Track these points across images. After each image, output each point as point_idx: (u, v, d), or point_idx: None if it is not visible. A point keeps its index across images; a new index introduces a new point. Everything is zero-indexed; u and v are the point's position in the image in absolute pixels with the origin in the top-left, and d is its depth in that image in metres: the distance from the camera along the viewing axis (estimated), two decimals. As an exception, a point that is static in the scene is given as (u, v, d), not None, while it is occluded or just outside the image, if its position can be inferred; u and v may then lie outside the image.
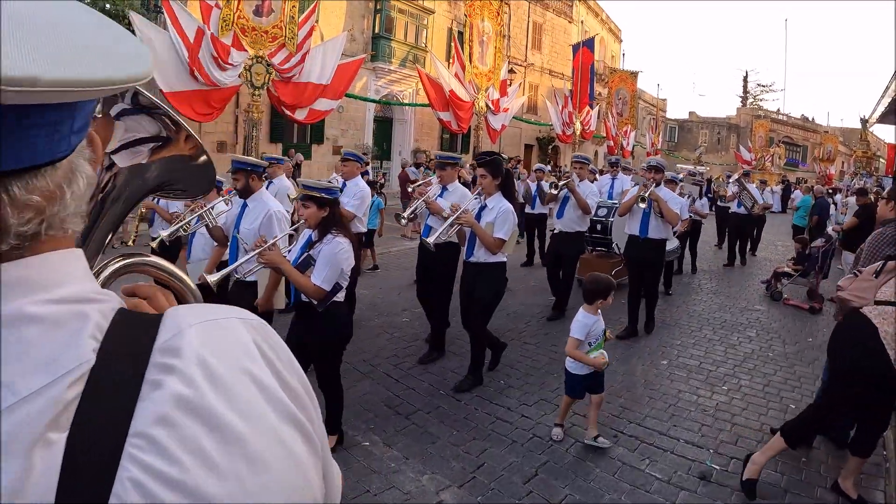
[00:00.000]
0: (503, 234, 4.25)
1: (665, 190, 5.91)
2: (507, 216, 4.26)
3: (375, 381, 4.55)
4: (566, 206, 6.40)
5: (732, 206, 10.64)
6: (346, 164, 5.77)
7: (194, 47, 11.85)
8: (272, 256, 3.23)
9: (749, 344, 5.96)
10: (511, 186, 4.52)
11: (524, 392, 4.37)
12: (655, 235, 5.76)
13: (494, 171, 4.36)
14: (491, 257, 4.30)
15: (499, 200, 4.36)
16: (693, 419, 4.13)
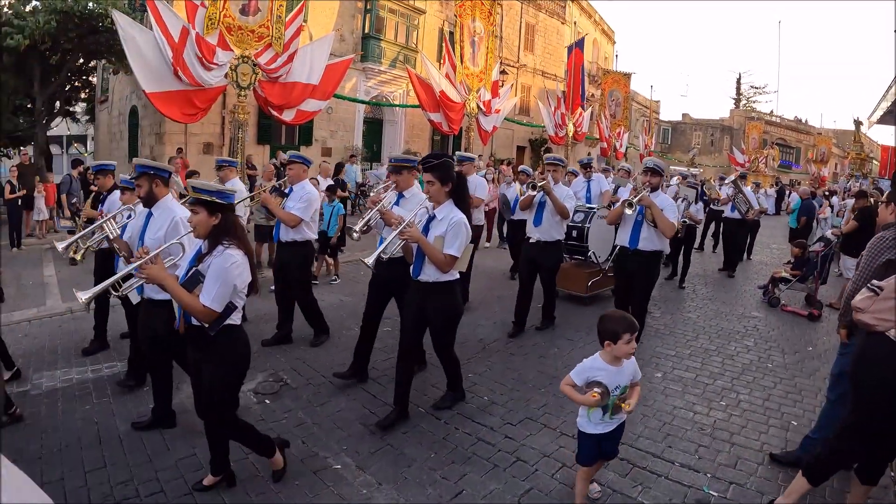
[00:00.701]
0: (454, 251, 3.63)
1: (662, 196, 5.20)
2: (460, 229, 3.64)
3: (351, 396, 4.27)
4: (543, 212, 5.89)
5: (726, 210, 10.15)
6: (292, 167, 5.30)
7: (179, 47, 11.53)
8: (153, 271, 2.76)
9: (747, 354, 5.71)
10: (464, 193, 3.86)
11: (508, 409, 4.09)
12: (647, 247, 5.14)
13: (443, 175, 3.71)
14: (442, 276, 3.73)
15: (450, 210, 3.73)
16: (689, 439, 3.86)
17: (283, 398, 4.23)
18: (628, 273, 5.28)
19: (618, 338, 2.78)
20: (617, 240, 5.47)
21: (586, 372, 2.89)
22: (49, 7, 11.95)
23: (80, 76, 19.72)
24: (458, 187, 3.79)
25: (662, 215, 4.97)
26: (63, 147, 29.82)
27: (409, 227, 3.61)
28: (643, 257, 5.16)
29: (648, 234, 5.11)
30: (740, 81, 56.00)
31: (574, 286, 7.40)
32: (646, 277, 5.26)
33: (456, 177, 3.76)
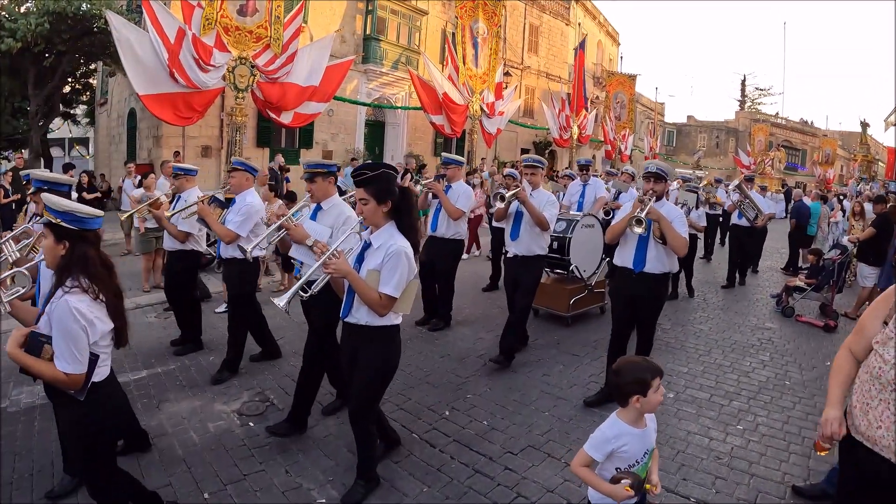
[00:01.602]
0: (391, 289, 2.82)
1: (669, 206, 4.35)
2: (399, 261, 2.82)
3: (340, 419, 3.97)
4: (520, 223, 5.15)
5: (733, 217, 9.43)
6: (234, 175, 4.74)
7: (175, 48, 11.29)
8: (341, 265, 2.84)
9: (763, 370, 5.39)
10: (408, 213, 3.00)
11: (509, 436, 3.79)
12: (656, 269, 4.25)
13: (380, 191, 2.87)
14: (377, 319, 2.91)
15: (389, 237, 2.90)
16: (705, 469, 3.56)
17: (269, 420, 3.94)
18: (631, 300, 4.37)
19: (647, 387, 2.18)
20: (616, 259, 4.50)
21: (609, 444, 2.19)
22: (42, 8, 11.72)
23: (80, 79, 19.56)
24: (401, 206, 2.95)
25: (673, 229, 4.11)
26: (65, 150, 29.71)
27: (334, 259, 2.84)
28: (651, 282, 4.28)
29: (657, 252, 4.24)
30: (745, 83, 55.58)
31: (555, 304, 6.61)
32: (654, 305, 4.43)
33: (399, 192, 2.95)
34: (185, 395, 4.35)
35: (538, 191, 5.27)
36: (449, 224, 5.92)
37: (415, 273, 2.94)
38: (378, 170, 2.91)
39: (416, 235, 3.01)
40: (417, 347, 5.55)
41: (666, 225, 4.13)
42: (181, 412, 4.05)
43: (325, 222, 3.76)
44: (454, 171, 6.03)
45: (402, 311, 3.01)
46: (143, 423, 3.88)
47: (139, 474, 3.34)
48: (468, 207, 6.00)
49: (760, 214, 9.10)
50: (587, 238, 6.76)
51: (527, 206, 5.02)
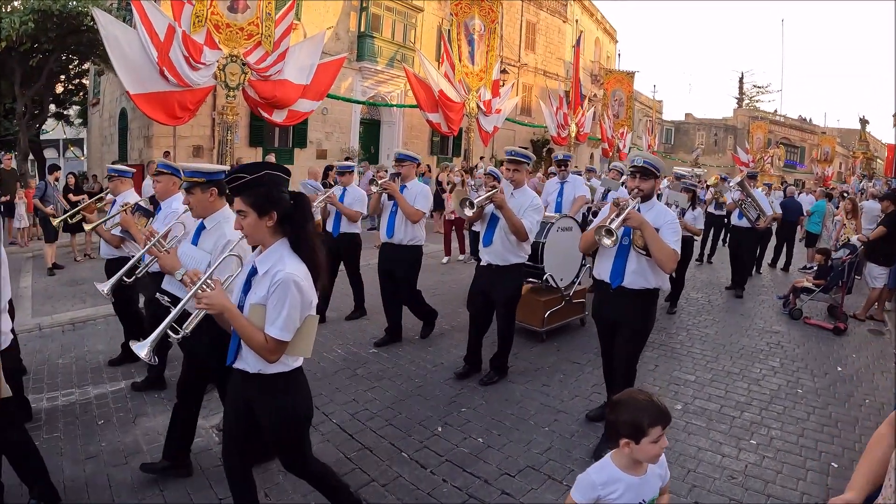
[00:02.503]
0: (278, 330, 2.18)
1: (659, 208, 3.59)
2: (287, 292, 2.18)
3: (326, 436, 3.70)
4: (494, 228, 4.47)
5: (733, 217, 8.59)
6: (159, 180, 4.26)
7: (164, 46, 11.02)
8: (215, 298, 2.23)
9: (774, 378, 5.12)
10: (302, 227, 2.34)
11: (506, 456, 3.50)
12: (636, 284, 3.50)
13: (261, 201, 2.25)
14: (269, 366, 2.31)
15: (278, 259, 2.26)
16: (719, 490, 3.29)
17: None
18: (610, 322, 3.69)
19: (642, 434, 1.79)
20: (594, 270, 3.79)
21: (594, 490, 1.88)
22: (27, 7, 11.42)
23: (73, 79, 19.26)
24: (294, 217, 2.32)
25: (658, 240, 3.33)
26: (59, 151, 29.41)
27: (209, 294, 2.20)
28: (630, 299, 3.53)
29: (638, 265, 3.48)
30: (743, 81, 55.44)
31: (527, 317, 5.82)
32: (634, 328, 3.60)
33: (292, 200, 2.33)
34: (164, 408, 4.07)
35: (521, 191, 4.51)
36: (407, 228, 5.25)
37: (312, 306, 2.30)
38: (257, 171, 2.26)
39: (317, 255, 2.34)
40: (409, 356, 5.27)
41: (650, 234, 3.32)
42: (157, 428, 3.79)
43: (207, 246, 3.07)
44: (409, 169, 5.36)
45: (301, 355, 2.36)
46: (118, 439, 3.66)
47: (109, 498, 3.09)
48: (427, 208, 5.32)
49: (763, 215, 8.24)
50: (564, 243, 5.93)
51: (503, 212, 4.26)
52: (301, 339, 2.30)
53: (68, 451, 3.53)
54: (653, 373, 5.06)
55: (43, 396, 4.31)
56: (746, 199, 8.22)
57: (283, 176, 2.35)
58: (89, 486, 3.19)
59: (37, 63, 13.20)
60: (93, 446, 3.58)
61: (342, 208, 6.02)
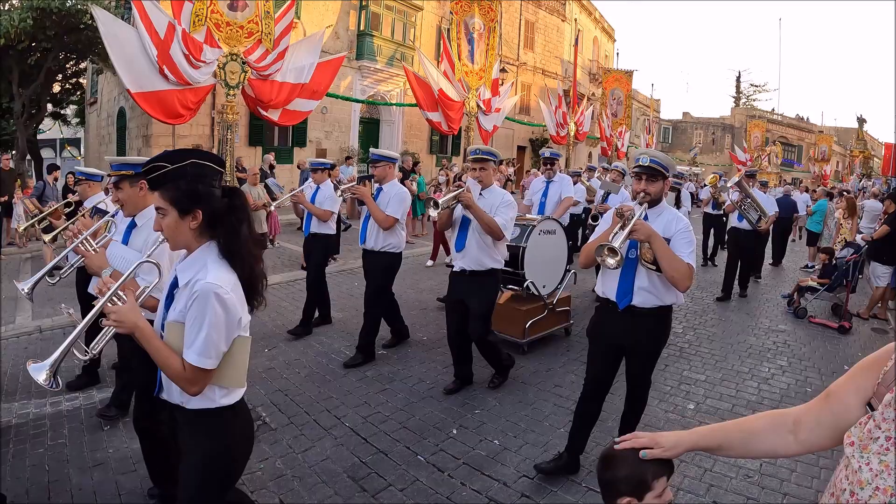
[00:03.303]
0: (196, 355, 1.78)
1: (669, 214, 3.10)
2: (206, 309, 1.77)
3: (339, 440, 3.67)
4: (467, 231, 4.17)
5: (732, 219, 8.23)
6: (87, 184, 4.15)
7: (164, 44, 10.95)
8: None
9: (783, 377, 5.13)
10: (234, 230, 1.92)
11: (523, 458, 3.48)
12: (648, 302, 3.05)
13: (182, 197, 1.86)
14: (190, 399, 1.89)
15: (201, 267, 1.86)
16: (736, 490, 3.28)
17: (260, 442, 3.63)
18: (616, 345, 3.24)
19: (646, 489, 1.41)
20: (598, 286, 3.32)
21: None
22: (25, 4, 11.33)
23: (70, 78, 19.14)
24: (225, 217, 1.91)
25: (670, 252, 2.87)
26: (56, 151, 29.25)
27: (118, 303, 1.88)
28: (641, 320, 3.08)
29: (649, 281, 3.03)
30: (740, 80, 55.57)
31: (508, 328, 5.40)
32: (648, 352, 3.24)
33: (221, 195, 1.94)
34: (171, 412, 4.04)
35: (490, 190, 4.25)
36: (379, 234, 4.85)
37: (242, 325, 1.88)
38: (181, 160, 1.86)
39: (251, 263, 1.93)
40: (418, 357, 5.25)
41: (660, 248, 2.85)
42: (166, 433, 3.74)
43: (138, 245, 2.84)
44: (384, 170, 4.91)
45: (233, 385, 1.92)
46: (125, 445, 3.59)
47: (119, 503, 3.05)
48: (401, 213, 4.83)
49: (764, 216, 7.80)
50: (546, 247, 5.50)
51: (472, 212, 4.00)
52: (230, 367, 1.87)
53: (74, 458, 3.46)
54: (663, 372, 5.04)
55: (46, 401, 4.23)
56: (746, 199, 7.80)
57: (214, 167, 1.94)
58: (98, 494, 3.12)
59: (35, 62, 13.10)
60: (100, 453, 3.51)
61: (311, 208, 5.71)
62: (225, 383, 1.90)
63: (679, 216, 3.10)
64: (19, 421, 3.97)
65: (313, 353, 5.18)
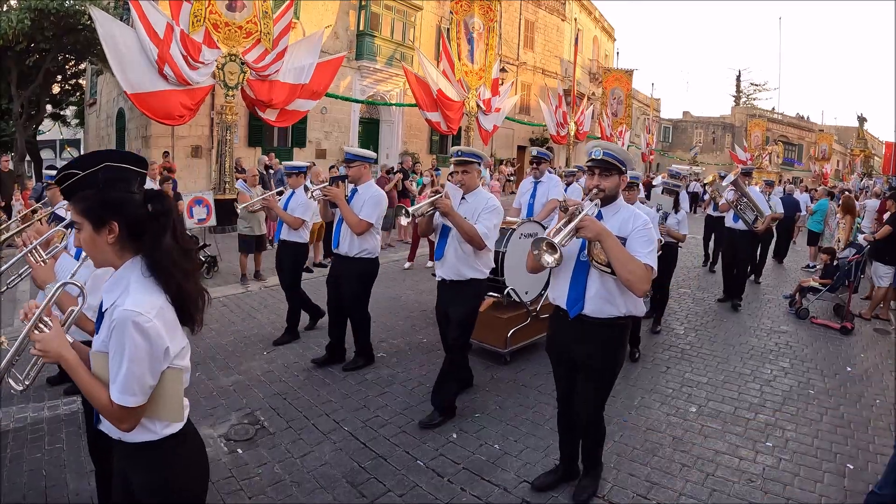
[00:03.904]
0: (118, 393, 1.57)
1: (627, 212, 2.84)
2: (124, 339, 1.55)
3: (338, 445, 3.64)
4: (446, 238, 3.93)
5: (728, 218, 7.67)
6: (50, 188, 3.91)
7: (163, 45, 10.92)
8: None
9: (785, 378, 5.09)
10: (157, 243, 1.65)
11: (524, 462, 3.45)
12: (601, 312, 2.78)
13: (94, 208, 1.61)
14: (127, 434, 1.69)
15: (123, 289, 1.63)
16: (739, 495, 3.25)
17: (259, 447, 3.61)
18: (567, 359, 2.97)
19: None
20: (549, 292, 3.07)
21: None
22: (24, 5, 11.31)
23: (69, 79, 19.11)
24: (149, 229, 1.66)
25: (623, 253, 2.61)
26: (56, 152, 29.23)
27: (44, 329, 1.68)
28: (593, 331, 2.81)
29: (602, 287, 2.76)
30: (740, 79, 55.48)
31: (489, 337, 5.14)
32: (598, 367, 2.87)
33: (143, 204, 1.67)
34: (169, 417, 4.00)
35: (474, 193, 3.91)
36: (353, 239, 4.56)
37: (171, 355, 1.64)
38: (91, 165, 1.60)
39: (176, 280, 1.66)
40: (418, 360, 5.21)
41: (612, 248, 2.57)
42: (164, 437, 3.70)
43: (65, 267, 2.54)
44: (359, 170, 4.61)
45: (170, 421, 1.72)
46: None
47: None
48: (376, 217, 4.53)
49: (761, 216, 7.31)
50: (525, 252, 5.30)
51: (451, 219, 3.70)
52: (162, 402, 1.66)
53: (72, 463, 3.42)
54: (665, 375, 5.02)
55: (44, 405, 4.20)
56: (742, 199, 7.30)
57: (133, 169, 1.66)
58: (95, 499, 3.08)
59: (33, 63, 13.09)
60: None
61: (282, 214, 5.44)
62: (162, 418, 1.70)
63: (637, 213, 2.81)
64: (17, 425, 3.94)
65: (312, 356, 5.14)
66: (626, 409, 4.31)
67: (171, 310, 1.66)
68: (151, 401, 1.63)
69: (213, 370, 4.83)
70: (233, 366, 4.93)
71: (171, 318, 1.66)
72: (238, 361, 5.03)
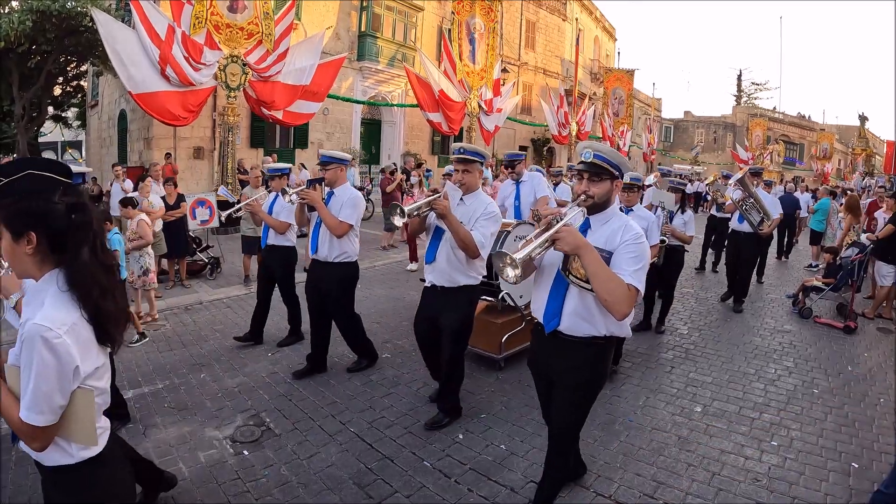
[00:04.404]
0: (25, 410, 1.53)
1: (619, 221, 2.54)
2: (33, 355, 1.50)
3: (344, 446, 3.64)
4: (439, 242, 3.71)
5: (733, 220, 7.35)
6: None
7: (165, 46, 10.94)
8: None
9: (789, 378, 5.09)
10: (75, 254, 1.59)
11: (531, 463, 3.46)
12: (579, 330, 2.54)
13: (13, 217, 1.57)
14: (42, 455, 1.66)
15: (39, 304, 1.58)
16: (745, 494, 3.25)
17: (265, 448, 3.61)
18: (545, 374, 2.78)
19: None
20: (532, 304, 2.81)
21: None
22: (25, 7, 11.33)
23: (71, 81, 19.15)
24: (68, 240, 1.60)
25: (605, 270, 2.31)
26: (58, 153, 29.29)
27: None
28: (569, 350, 2.58)
29: (581, 304, 2.51)
30: (741, 78, 55.44)
31: (482, 343, 4.97)
32: (572, 385, 2.63)
33: (65, 214, 1.59)
34: (174, 419, 4.00)
35: (474, 196, 3.69)
36: (332, 243, 4.42)
37: (81, 374, 1.57)
38: (14, 173, 1.56)
39: (93, 297, 1.59)
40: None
41: (591, 263, 2.27)
42: (169, 439, 3.71)
43: None
44: (335, 173, 4.47)
45: (82, 443, 1.64)
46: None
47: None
48: (355, 219, 4.42)
49: (767, 219, 6.99)
50: None
51: (447, 222, 3.48)
52: (74, 424, 1.58)
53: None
54: (670, 374, 5.02)
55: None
56: (748, 199, 6.99)
57: (55, 178, 1.60)
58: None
59: (35, 64, 13.11)
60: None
61: (267, 218, 5.26)
62: (73, 440, 1.62)
63: (629, 225, 2.49)
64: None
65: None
66: (632, 408, 4.31)
67: (87, 327, 1.59)
68: (63, 421, 1.57)
69: (218, 372, 4.84)
70: (237, 367, 4.94)
71: (87, 336, 1.59)
72: (243, 363, 5.04)
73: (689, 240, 6.06)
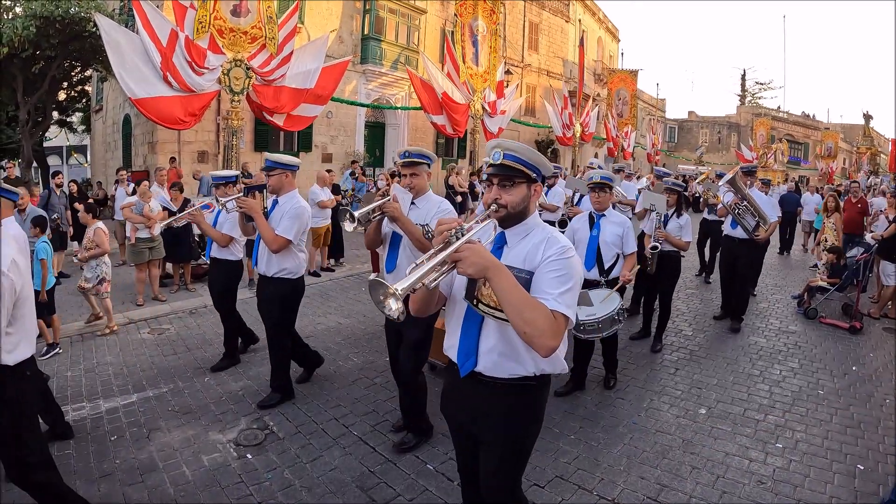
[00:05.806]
0: None
1: (542, 232, 2.04)
2: None
3: (347, 449, 3.64)
4: (398, 249, 3.51)
5: (725, 225, 6.71)
6: None
7: (167, 51, 10.99)
8: None
9: (794, 379, 5.07)
10: None
11: (534, 466, 3.44)
12: (500, 370, 2.01)
13: None
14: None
15: None
16: (749, 496, 3.24)
17: (268, 451, 3.62)
18: (463, 424, 2.20)
19: None
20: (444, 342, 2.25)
21: None
22: (28, 12, 11.40)
23: (75, 85, 19.25)
24: None
25: (520, 295, 1.80)
26: (63, 158, 29.45)
27: None
28: (491, 395, 2.05)
29: (502, 339, 2.00)
30: (745, 78, 55.26)
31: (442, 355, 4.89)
32: (503, 435, 2.07)
33: None
34: (178, 422, 4.02)
35: (425, 198, 3.53)
36: (271, 258, 4.11)
37: None
38: None
39: None
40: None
41: (504, 286, 1.77)
42: (173, 443, 3.73)
43: None
44: (279, 179, 4.11)
45: None
46: (132, 456, 3.57)
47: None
48: (294, 233, 4.04)
49: (764, 223, 6.26)
50: None
51: (400, 225, 3.32)
52: None
53: (81, 469, 3.44)
54: (674, 376, 5.00)
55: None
56: (741, 202, 6.25)
57: None
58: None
59: (39, 70, 13.17)
60: (106, 464, 3.49)
61: (209, 230, 4.85)
62: None
63: (553, 238, 1.99)
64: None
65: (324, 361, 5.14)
66: (636, 411, 4.30)
67: None
68: None
69: (222, 375, 4.85)
70: (241, 371, 4.95)
71: None
72: (247, 367, 5.05)
73: (685, 246, 5.63)
